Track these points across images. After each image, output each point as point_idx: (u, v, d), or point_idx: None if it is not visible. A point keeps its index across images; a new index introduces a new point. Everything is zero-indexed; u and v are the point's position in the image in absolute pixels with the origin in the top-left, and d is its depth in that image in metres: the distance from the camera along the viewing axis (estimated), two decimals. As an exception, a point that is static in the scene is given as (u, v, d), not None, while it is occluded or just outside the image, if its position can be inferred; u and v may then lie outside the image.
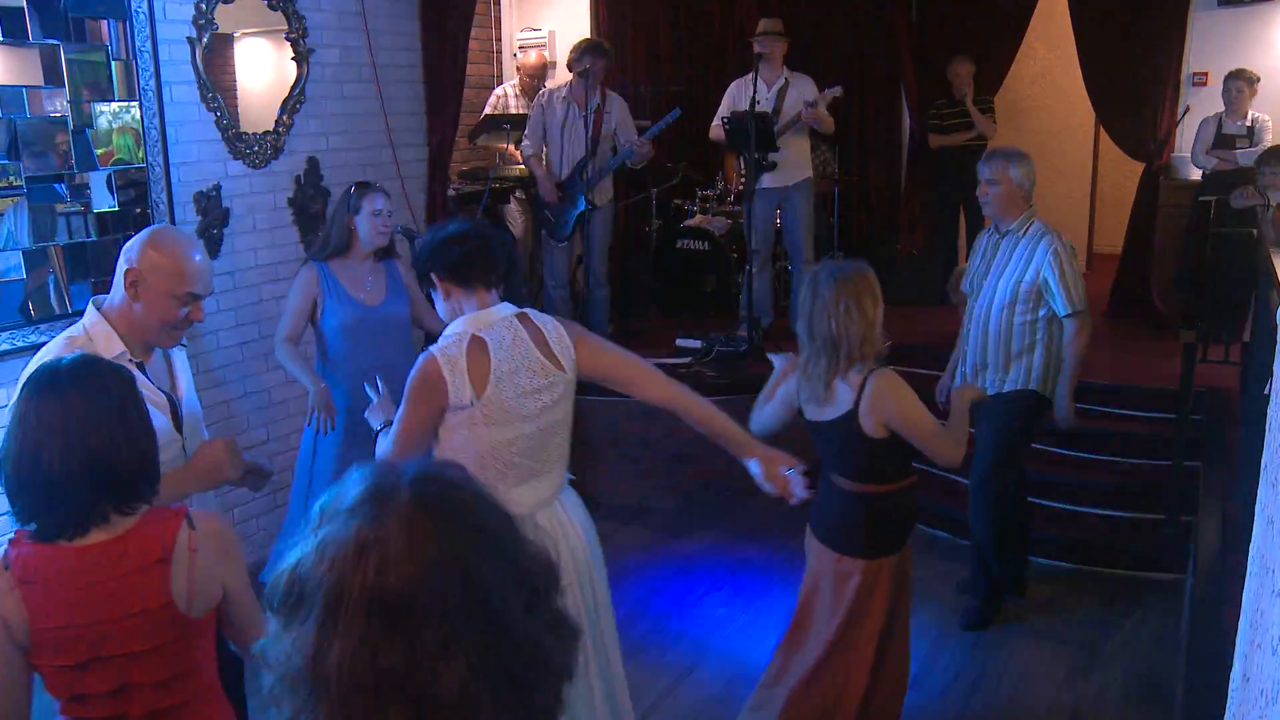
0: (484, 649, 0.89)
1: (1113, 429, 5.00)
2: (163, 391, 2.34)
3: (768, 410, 3.02)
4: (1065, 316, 3.73)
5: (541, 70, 6.66)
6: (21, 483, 1.70)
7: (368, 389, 2.75)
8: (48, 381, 1.74)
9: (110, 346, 2.26)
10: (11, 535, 1.81)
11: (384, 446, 2.50)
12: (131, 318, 2.29)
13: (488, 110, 6.70)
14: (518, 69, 6.86)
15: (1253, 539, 1.82)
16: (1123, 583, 4.42)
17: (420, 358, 2.41)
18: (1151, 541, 4.52)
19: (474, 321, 2.42)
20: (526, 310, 2.51)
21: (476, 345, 2.37)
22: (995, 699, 3.63)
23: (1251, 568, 1.80)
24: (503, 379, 2.36)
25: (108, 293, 2.36)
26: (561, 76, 6.12)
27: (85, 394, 1.72)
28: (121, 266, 2.30)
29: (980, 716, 3.53)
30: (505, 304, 2.49)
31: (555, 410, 2.47)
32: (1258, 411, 3.35)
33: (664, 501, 5.35)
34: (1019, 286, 3.75)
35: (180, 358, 2.48)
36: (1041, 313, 3.77)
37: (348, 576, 0.88)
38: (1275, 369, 2.32)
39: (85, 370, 1.77)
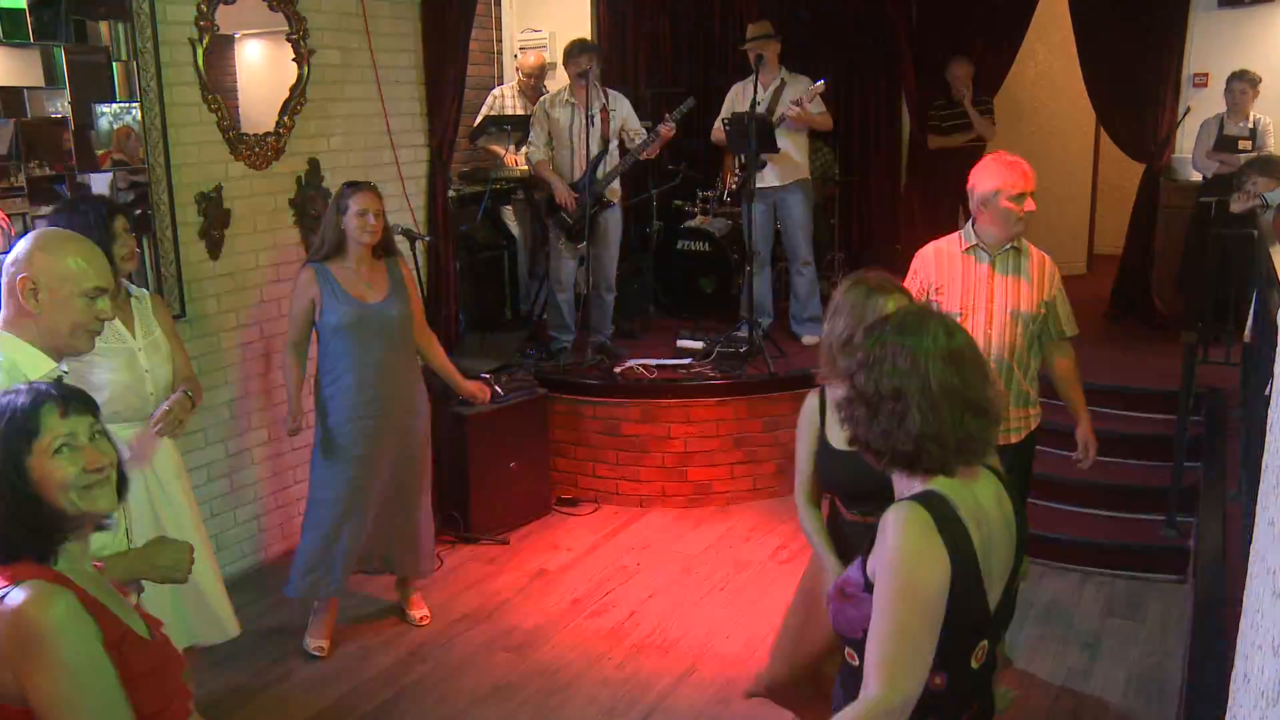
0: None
1: (1113, 429, 4.99)
2: None
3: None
4: (1069, 339, 3.48)
5: (539, 71, 6.64)
6: None
7: None
8: None
9: (37, 365, 2.12)
10: None
11: None
12: (37, 329, 2.15)
13: (485, 111, 6.69)
14: (516, 69, 6.85)
15: (1253, 539, 1.82)
16: (1123, 583, 4.43)
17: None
18: (1151, 541, 4.53)
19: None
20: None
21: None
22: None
23: (1252, 568, 1.81)
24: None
25: None
26: (561, 78, 6.09)
27: None
28: (8, 278, 2.15)
29: (981, 717, 3.52)
30: None
31: None
32: (1258, 412, 3.35)
33: (664, 502, 5.35)
34: (1036, 307, 3.35)
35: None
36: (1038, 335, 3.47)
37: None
38: (1275, 369, 2.32)
39: None
